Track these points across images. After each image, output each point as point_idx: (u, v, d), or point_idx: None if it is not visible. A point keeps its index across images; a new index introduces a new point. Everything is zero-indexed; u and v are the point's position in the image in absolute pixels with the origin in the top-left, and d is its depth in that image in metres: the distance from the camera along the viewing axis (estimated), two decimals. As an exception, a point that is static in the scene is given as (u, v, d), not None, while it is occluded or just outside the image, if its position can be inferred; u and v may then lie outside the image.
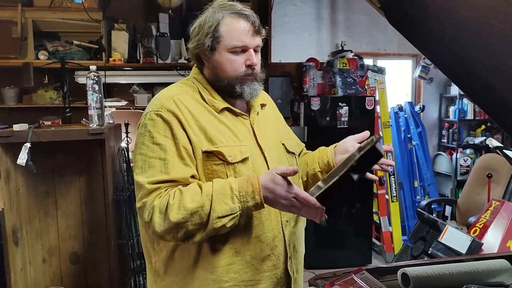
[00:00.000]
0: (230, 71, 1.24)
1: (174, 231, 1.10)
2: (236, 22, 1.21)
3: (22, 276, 2.32)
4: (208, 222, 1.09)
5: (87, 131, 2.23)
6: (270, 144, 1.31)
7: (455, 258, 1.34)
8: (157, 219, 1.10)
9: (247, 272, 1.21)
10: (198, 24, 1.25)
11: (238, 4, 1.25)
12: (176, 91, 1.26)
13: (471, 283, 1.05)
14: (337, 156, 1.38)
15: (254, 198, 1.10)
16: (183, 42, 3.50)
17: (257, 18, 1.24)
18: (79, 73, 3.44)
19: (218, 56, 1.23)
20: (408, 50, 4.57)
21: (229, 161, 1.19)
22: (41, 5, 3.31)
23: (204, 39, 1.22)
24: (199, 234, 1.11)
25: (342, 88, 3.81)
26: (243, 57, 1.24)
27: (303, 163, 1.47)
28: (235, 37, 1.21)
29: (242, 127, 1.28)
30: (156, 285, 1.27)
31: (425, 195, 4.52)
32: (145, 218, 1.12)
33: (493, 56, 1.08)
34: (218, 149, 1.18)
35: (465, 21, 1.06)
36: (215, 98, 1.27)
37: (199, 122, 1.20)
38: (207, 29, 1.22)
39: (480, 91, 1.21)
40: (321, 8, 4.40)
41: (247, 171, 1.21)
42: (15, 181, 2.30)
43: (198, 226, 1.10)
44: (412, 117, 4.53)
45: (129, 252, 2.49)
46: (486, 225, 2.36)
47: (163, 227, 1.10)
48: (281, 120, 1.49)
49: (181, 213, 1.08)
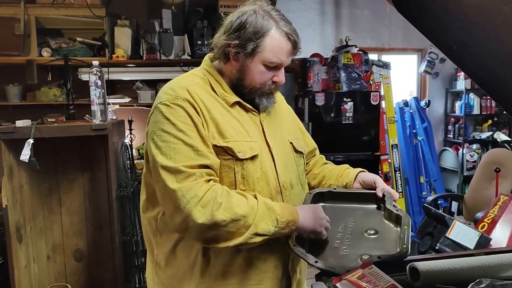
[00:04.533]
0: (257, 82, 1.22)
1: (209, 229, 1.07)
2: (283, 40, 1.18)
3: (26, 273, 2.32)
4: (244, 234, 1.08)
5: (90, 127, 2.21)
6: (278, 142, 1.29)
7: (465, 253, 1.32)
8: (197, 211, 1.06)
9: (248, 272, 1.20)
10: (240, 21, 1.18)
11: (280, 13, 1.21)
12: (189, 82, 1.22)
13: (483, 277, 1.02)
14: (357, 183, 1.37)
15: (290, 227, 1.13)
16: (186, 38, 3.48)
17: (299, 38, 1.21)
18: (82, 70, 3.43)
19: (251, 64, 1.19)
20: (413, 45, 4.53)
21: (238, 157, 1.17)
22: (44, 2, 3.30)
23: (245, 44, 1.17)
24: (226, 242, 1.09)
25: (346, 83, 3.79)
26: (272, 72, 1.22)
27: (320, 175, 1.46)
28: (275, 54, 1.18)
29: (252, 123, 1.25)
30: (157, 277, 1.27)
31: (431, 191, 4.49)
32: (179, 204, 1.07)
33: (503, 45, 1.05)
34: (228, 144, 1.16)
35: (474, 7, 1.03)
36: (226, 91, 1.24)
37: (211, 114, 1.17)
38: (251, 34, 1.16)
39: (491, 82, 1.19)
40: (325, 3, 4.37)
41: (254, 169, 1.19)
42: (19, 177, 2.29)
43: (233, 234, 1.08)
44: (417, 112, 4.49)
45: (133, 249, 2.47)
46: (494, 220, 2.33)
47: (201, 220, 1.05)
48: (292, 117, 1.46)
49: (226, 215, 1.06)
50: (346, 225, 1.26)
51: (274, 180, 1.23)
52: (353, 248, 1.17)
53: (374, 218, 1.28)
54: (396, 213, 1.22)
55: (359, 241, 1.20)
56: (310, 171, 1.48)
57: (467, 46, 1.12)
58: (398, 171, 4.08)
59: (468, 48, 1.12)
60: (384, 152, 4.05)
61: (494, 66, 1.11)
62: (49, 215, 2.54)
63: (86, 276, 2.63)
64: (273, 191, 1.22)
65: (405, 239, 1.14)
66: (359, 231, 1.23)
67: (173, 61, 3.46)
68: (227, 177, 1.17)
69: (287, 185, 1.26)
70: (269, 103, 1.27)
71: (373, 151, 3.84)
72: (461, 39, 1.11)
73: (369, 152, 3.81)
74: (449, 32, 1.12)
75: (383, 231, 1.22)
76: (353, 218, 1.28)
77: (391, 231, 1.22)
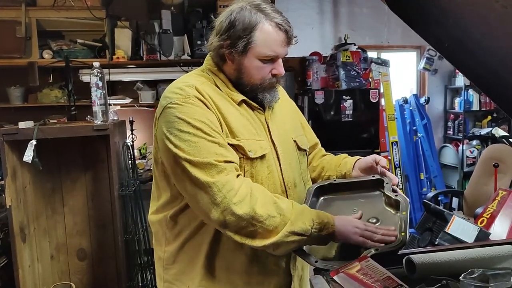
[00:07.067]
0: (256, 78, 1.20)
1: (248, 223, 1.06)
2: (273, 31, 1.16)
3: (30, 272, 2.34)
4: (281, 232, 1.07)
5: (92, 127, 2.24)
6: (282, 141, 1.29)
7: (461, 245, 1.34)
8: (235, 205, 1.05)
9: (251, 268, 1.21)
10: (228, 21, 1.16)
11: (270, 5, 1.19)
12: (196, 81, 1.20)
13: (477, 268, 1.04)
14: (355, 171, 1.36)
15: (327, 229, 1.10)
16: (186, 38, 3.50)
17: (290, 27, 1.19)
18: (83, 71, 3.46)
19: (246, 61, 1.18)
20: (411, 42, 4.54)
21: (249, 156, 1.16)
22: (44, 5, 3.33)
23: (236, 42, 1.15)
24: (263, 239, 1.08)
25: (345, 81, 3.80)
26: (270, 65, 1.20)
27: (319, 167, 1.46)
28: (269, 47, 1.16)
29: (258, 122, 1.25)
30: (165, 273, 1.29)
31: (432, 187, 4.50)
32: (216, 198, 1.06)
33: (496, 40, 1.06)
34: (240, 142, 1.16)
35: (466, 4, 1.05)
36: (232, 90, 1.22)
37: (222, 112, 1.16)
38: (240, 31, 1.14)
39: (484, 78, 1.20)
40: (324, 1, 4.39)
41: (262, 168, 1.19)
42: (22, 178, 2.32)
43: (270, 231, 1.07)
44: (417, 109, 4.51)
45: (136, 248, 2.50)
46: (493, 215, 2.33)
47: (240, 212, 1.05)
48: (295, 112, 1.46)
49: (264, 210, 1.06)
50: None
51: (279, 179, 1.24)
52: None
53: (375, 205, 1.28)
54: (395, 198, 1.22)
55: None
56: (310, 164, 1.49)
57: (461, 43, 1.13)
58: (398, 168, 4.10)
59: (463, 44, 1.14)
60: (384, 149, 4.07)
61: (488, 61, 1.13)
62: (53, 215, 2.57)
63: (90, 275, 2.66)
64: (278, 189, 1.23)
65: (403, 226, 1.14)
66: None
67: (173, 62, 3.48)
68: None
69: (291, 184, 1.27)
70: (273, 98, 1.25)
71: (373, 148, 3.86)
72: (455, 36, 1.12)
73: (369, 149, 3.82)
74: (442, 29, 1.14)
75: (384, 219, 1.22)
76: (355, 208, 1.28)
77: (391, 218, 1.22)
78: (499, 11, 1.01)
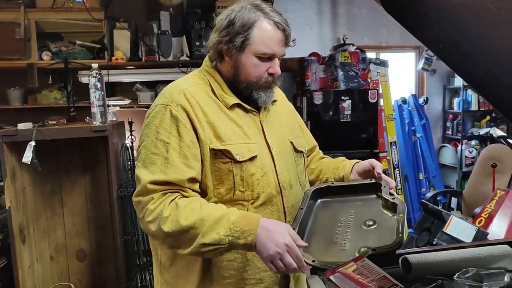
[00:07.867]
0: (253, 76, 1.22)
1: (163, 238, 1.14)
2: (271, 29, 1.19)
3: (30, 273, 2.35)
4: (193, 244, 1.09)
5: (90, 129, 2.25)
6: (278, 142, 1.29)
7: (457, 245, 1.34)
8: (149, 223, 1.13)
9: (247, 270, 1.22)
10: (229, 19, 1.20)
11: (269, 5, 1.23)
12: (188, 84, 1.24)
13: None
14: (353, 174, 1.37)
15: (245, 238, 1.06)
16: (185, 39, 3.51)
17: (289, 27, 1.21)
18: (82, 72, 3.47)
19: (243, 58, 1.20)
20: (410, 43, 4.55)
21: (236, 160, 1.18)
22: (43, 6, 3.34)
23: (234, 38, 1.18)
24: (183, 249, 1.12)
25: (344, 81, 3.81)
26: (267, 64, 1.22)
27: (317, 169, 1.47)
28: (266, 44, 1.19)
29: (252, 123, 1.26)
30: (161, 276, 1.29)
31: (430, 187, 4.50)
32: (139, 215, 1.17)
33: (490, 41, 1.07)
34: (226, 147, 1.17)
35: (461, 5, 1.06)
36: (226, 93, 1.24)
37: (208, 117, 1.19)
38: (239, 28, 1.18)
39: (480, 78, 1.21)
40: (323, 2, 4.40)
41: (255, 170, 1.20)
42: (21, 179, 2.32)
43: (184, 243, 1.11)
44: (416, 109, 4.52)
45: (135, 249, 2.51)
46: (491, 215, 2.35)
47: (153, 229, 1.13)
48: (293, 115, 1.47)
49: (173, 227, 1.09)
50: (346, 219, 1.27)
51: (274, 180, 1.24)
52: (352, 242, 1.19)
53: (372, 208, 1.29)
54: (392, 201, 1.23)
55: (357, 234, 1.21)
56: (308, 167, 1.49)
57: (456, 44, 1.14)
58: (397, 168, 4.11)
59: (458, 45, 1.14)
60: (383, 149, 4.08)
61: (483, 62, 1.13)
62: (52, 216, 2.58)
63: (89, 276, 2.67)
64: (273, 191, 1.23)
65: (400, 228, 1.15)
66: (358, 223, 1.24)
67: (171, 63, 3.49)
68: (227, 179, 1.19)
69: (286, 185, 1.27)
70: (267, 98, 1.26)
71: (372, 148, 3.86)
72: (450, 37, 1.13)
73: (368, 149, 3.83)
74: (437, 30, 1.15)
75: (381, 221, 1.23)
76: (352, 210, 1.29)
77: (388, 220, 1.23)
78: (493, 12, 1.01)
